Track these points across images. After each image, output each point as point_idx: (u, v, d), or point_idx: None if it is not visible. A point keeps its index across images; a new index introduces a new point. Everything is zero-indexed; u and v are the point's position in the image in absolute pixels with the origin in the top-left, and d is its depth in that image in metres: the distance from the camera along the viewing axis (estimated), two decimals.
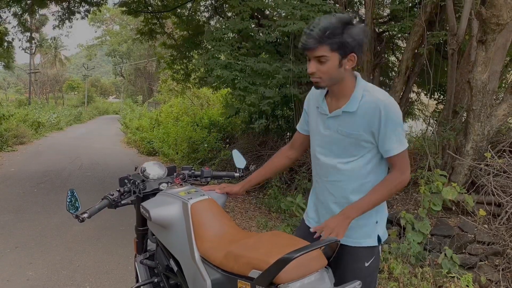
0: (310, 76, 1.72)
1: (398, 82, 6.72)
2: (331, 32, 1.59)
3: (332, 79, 1.69)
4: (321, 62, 1.64)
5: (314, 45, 1.62)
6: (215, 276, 1.53)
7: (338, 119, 1.74)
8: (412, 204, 4.95)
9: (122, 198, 2.08)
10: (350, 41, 1.61)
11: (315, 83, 1.74)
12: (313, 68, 1.68)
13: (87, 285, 3.47)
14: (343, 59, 1.65)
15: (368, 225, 1.77)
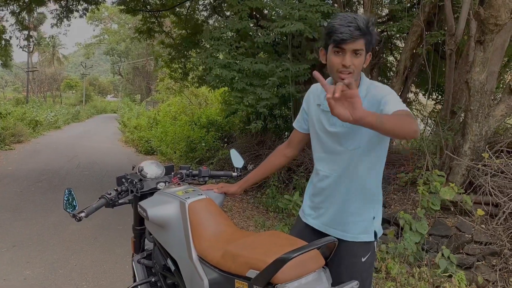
0: (340, 72, 1.66)
1: (396, 82, 6.72)
2: (371, 27, 1.62)
3: (357, 75, 1.71)
4: (357, 55, 1.64)
5: (359, 36, 1.60)
6: (213, 275, 1.53)
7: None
8: (410, 204, 4.95)
9: (120, 197, 2.07)
10: (374, 40, 1.66)
11: (343, 79, 1.63)
12: (349, 61, 1.64)
13: (85, 284, 3.47)
14: (367, 54, 1.68)
15: (365, 221, 1.80)
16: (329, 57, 1.70)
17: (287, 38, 6.95)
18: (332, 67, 1.69)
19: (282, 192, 6.76)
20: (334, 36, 1.62)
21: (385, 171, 1.98)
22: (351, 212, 1.80)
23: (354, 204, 1.80)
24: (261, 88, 6.46)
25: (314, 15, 6.00)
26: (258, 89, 6.40)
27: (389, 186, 5.49)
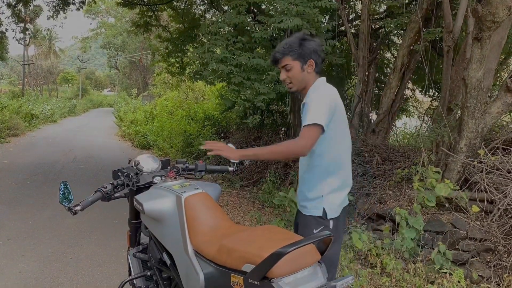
0: (283, 83, 2.21)
1: (393, 78, 6.73)
2: (290, 45, 2.12)
3: (300, 82, 2.17)
4: (288, 70, 2.14)
5: (279, 57, 2.14)
6: (208, 269, 1.53)
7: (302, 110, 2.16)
8: (406, 200, 4.97)
9: (116, 191, 2.07)
10: (306, 51, 2.11)
11: (288, 88, 2.22)
12: (283, 75, 2.17)
13: (80, 278, 3.46)
14: (304, 65, 2.13)
15: (316, 199, 2.11)
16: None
17: (285, 33, 6.94)
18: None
19: (278, 187, 6.77)
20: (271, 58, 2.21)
21: (381, 167, 2.03)
22: (306, 188, 2.16)
23: (308, 180, 2.17)
24: (259, 82, 6.45)
25: (312, 11, 5.99)
26: (256, 84, 6.39)
27: (384, 182, 5.50)
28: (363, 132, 7.01)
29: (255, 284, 1.30)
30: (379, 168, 5.84)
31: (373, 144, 6.46)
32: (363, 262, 4.09)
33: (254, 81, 6.50)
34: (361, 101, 7.04)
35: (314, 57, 2.13)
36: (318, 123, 1.96)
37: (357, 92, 7.10)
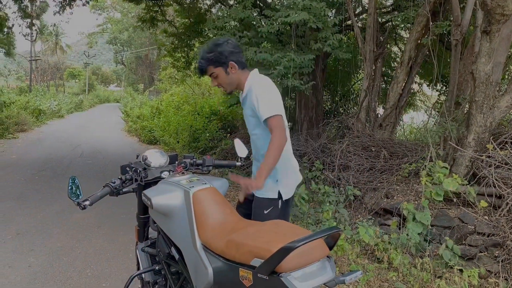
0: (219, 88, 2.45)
1: (400, 72, 6.68)
2: (207, 57, 2.30)
3: (230, 84, 2.39)
4: (215, 78, 2.36)
5: (204, 67, 2.34)
6: (217, 264, 1.53)
7: (243, 104, 2.45)
8: (413, 195, 4.95)
9: (124, 185, 2.08)
10: (224, 56, 2.29)
11: (224, 91, 2.46)
12: (214, 83, 2.39)
13: (88, 272, 3.49)
14: (227, 68, 2.32)
15: (271, 183, 2.28)
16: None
17: (291, 28, 6.91)
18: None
19: None
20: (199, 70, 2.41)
21: (388, 161, 2.03)
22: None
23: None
24: None
25: (318, 5, 5.95)
26: None
27: (392, 177, 5.48)
28: (370, 127, 6.98)
29: (264, 278, 1.30)
30: (386, 163, 5.82)
31: (380, 139, 6.43)
32: (370, 256, 4.09)
33: None
34: (368, 96, 7.00)
35: (233, 58, 2.31)
36: (279, 113, 2.22)
37: (364, 87, 7.07)
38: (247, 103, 2.36)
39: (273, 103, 2.24)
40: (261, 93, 2.26)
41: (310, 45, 6.66)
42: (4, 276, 3.32)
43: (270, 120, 2.19)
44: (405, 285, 3.51)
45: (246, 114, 2.42)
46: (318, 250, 1.36)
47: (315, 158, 6.51)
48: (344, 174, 5.87)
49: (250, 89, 2.33)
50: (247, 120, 2.44)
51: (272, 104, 2.23)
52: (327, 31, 6.42)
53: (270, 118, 2.18)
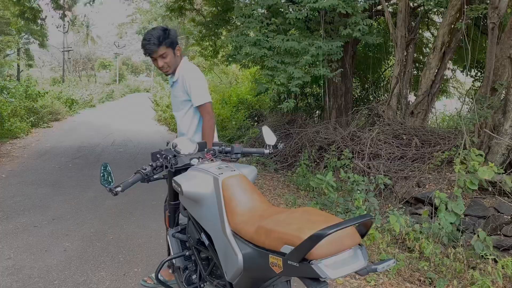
0: (161, 70, 2.68)
1: (432, 58, 6.49)
2: (162, 37, 2.54)
3: (174, 66, 2.68)
4: (164, 58, 2.60)
5: (154, 48, 2.54)
6: (247, 250, 1.53)
7: (173, 87, 2.79)
8: (446, 184, 4.83)
9: (155, 172, 2.10)
10: (173, 39, 2.59)
11: (165, 73, 2.71)
12: (161, 63, 2.61)
13: (121, 257, 3.58)
14: (174, 50, 2.63)
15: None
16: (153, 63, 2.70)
17: (320, 14, 6.80)
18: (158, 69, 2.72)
19: (313, 171, 6.73)
20: (145, 52, 2.59)
21: (420, 150, 1.96)
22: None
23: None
24: (293, 66, 6.36)
25: None
26: (290, 68, 6.31)
27: (423, 166, 5.36)
28: (401, 114, 6.83)
29: (294, 265, 1.29)
30: (417, 151, 5.69)
31: (411, 127, 6.29)
32: (400, 246, 4.03)
33: (288, 65, 6.42)
34: (399, 82, 6.84)
35: (178, 43, 2.64)
36: (210, 100, 2.72)
37: (395, 73, 6.90)
38: (178, 86, 2.72)
39: (205, 91, 2.71)
40: (195, 81, 2.67)
41: (339, 31, 6.54)
42: (41, 259, 3.44)
43: (204, 106, 2.68)
44: (437, 275, 3.44)
45: (175, 96, 2.77)
46: (349, 238, 1.33)
47: (344, 147, 6.43)
48: (374, 162, 5.78)
49: (183, 75, 2.67)
50: (174, 101, 2.83)
51: (204, 92, 2.69)
52: (356, 17, 6.29)
53: (204, 105, 2.67)
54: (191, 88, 2.65)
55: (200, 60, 17.62)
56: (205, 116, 2.71)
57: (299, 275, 1.32)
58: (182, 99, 2.73)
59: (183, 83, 2.68)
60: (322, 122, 8.17)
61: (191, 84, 2.66)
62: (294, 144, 7.77)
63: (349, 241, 1.32)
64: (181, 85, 2.70)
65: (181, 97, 2.73)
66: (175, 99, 2.81)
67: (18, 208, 4.79)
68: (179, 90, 2.72)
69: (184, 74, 2.68)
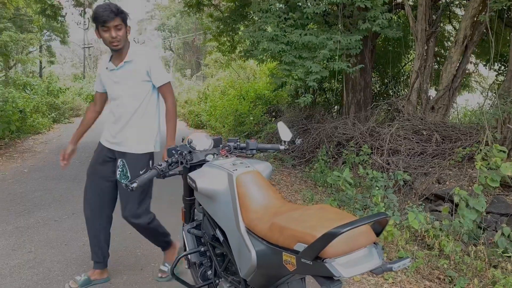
0: (111, 42, 2.51)
1: (454, 52, 6.35)
2: (120, 9, 2.50)
3: (124, 42, 2.57)
4: (118, 30, 2.50)
5: (112, 17, 2.44)
6: (260, 247, 1.52)
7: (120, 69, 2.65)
8: (467, 180, 4.73)
9: (170, 168, 2.11)
10: (126, 17, 2.55)
11: (114, 47, 2.54)
12: (114, 34, 2.49)
13: (138, 251, 3.62)
14: (126, 29, 2.57)
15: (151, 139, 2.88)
16: (101, 35, 2.52)
17: (338, 8, 6.71)
18: (105, 41, 2.54)
19: (331, 166, 6.67)
20: (100, 19, 2.44)
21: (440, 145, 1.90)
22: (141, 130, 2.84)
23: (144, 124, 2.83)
24: (311, 61, 6.31)
25: None
26: (308, 62, 6.25)
27: (444, 162, 5.26)
28: (421, 110, 6.71)
29: (308, 263, 1.28)
30: (438, 147, 5.59)
31: (432, 122, 6.17)
32: (420, 243, 3.96)
33: (306, 59, 6.37)
34: (420, 77, 6.71)
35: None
36: (170, 80, 2.74)
37: (415, 68, 6.78)
38: (131, 69, 2.62)
39: (165, 71, 2.74)
40: (156, 60, 2.69)
41: (358, 25, 6.45)
42: (61, 253, 3.50)
43: (166, 86, 2.71)
44: (457, 273, 3.37)
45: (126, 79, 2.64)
46: (364, 236, 1.31)
47: (362, 142, 6.36)
48: (393, 158, 5.70)
49: (141, 55, 2.63)
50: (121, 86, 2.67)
51: (165, 72, 2.73)
52: (376, 10, 6.18)
53: (166, 84, 2.70)
54: (153, 68, 2.63)
55: (218, 56, 17.67)
56: (169, 96, 2.74)
57: (313, 273, 1.30)
58: (139, 80, 2.65)
59: (141, 64, 2.62)
60: (341, 118, 8.09)
61: (153, 64, 2.64)
62: (312, 139, 7.72)
63: (363, 240, 1.30)
64: (137, 67, 2.62)
65: (137, 79, 2.64)
66: (123, 83, 2.67)
67: (39, 202, 4.89)
68: (133, 72, 2.63)
69: (143, 54, 2.65)
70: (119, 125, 2.74)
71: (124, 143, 2.74)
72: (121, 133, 2.74)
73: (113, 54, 2.65)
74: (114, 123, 2.77)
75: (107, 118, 2.84)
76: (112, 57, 2.69)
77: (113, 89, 2.71)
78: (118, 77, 2.66)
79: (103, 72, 2.75)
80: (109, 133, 2.82)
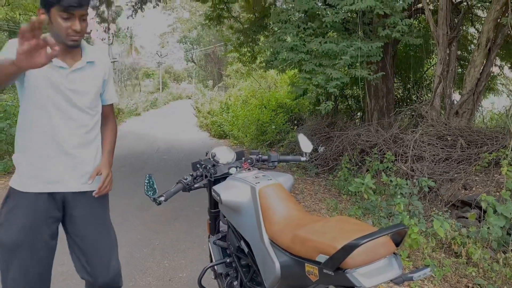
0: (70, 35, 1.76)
1: (477, 55, 6.26)
2: None
3: (82, 37, 1.85)
4: (83, 21, 1.78)
5: (84, 4, 1.75)
6: (284, 259, 1.57)
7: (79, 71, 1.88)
8: (494, 186, 4.65)
9: (195, 182, 2.18)
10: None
11: (74, 42, 1.79)
12: (77, 25, 1.76)
13: (166, 262, 3.71)
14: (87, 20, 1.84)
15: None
16: (56, 21, 1.73)
17: (357, 15, 6.73)
18: (61, 31, 1.75)
19: (354, 174, 6.65)
20: (63, 1, 1.68)
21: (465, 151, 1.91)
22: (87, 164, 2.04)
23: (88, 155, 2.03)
24: (331, 68, 6.33)
25: None
26: (328, 69, 6.28)
27: (470, 167, 5.18)
28: (445, 115, 6.63)
29: (330, 274, 1.32)
30: (463, 152, 5.51)
31: (456, 127, 6.09)
32: (446, 250, 3.92)
33: (326, 67, 6.40)
34: (442, 82, 6.64)
35: None
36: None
37: (438, 73, 6.71)
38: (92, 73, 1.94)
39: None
40: (112, 75, 2.09)
41: (378, 32, 6.45)
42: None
43: (112, 106, 2.18)
44: (486, 281, 3.32)
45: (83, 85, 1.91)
46: (384, 247, 1.34)
47: (386, 149, 6.32)
48: (417, 165, 5.64)
49: (103, 60, 2.01)
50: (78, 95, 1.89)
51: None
52: (395, 17, 6.18)
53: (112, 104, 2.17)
54: (110, 83, 2.06)
55: (239, 66, 17.86)
56: (113, 116, 2.21)
57: (335, 283, 1.34)
58: (94, 91, 1.95)
59: (103, 71, 2.00)
60: (364, 125, 8.05)
61: (110, 77, 2.06)
62: (335, 147, 7.71)
63: (383, 250, 1.34)
64: (98, 73, 1.97)
65: (93, 88, 1.95)
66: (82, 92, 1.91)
67: None
68: (93, 78, 1.95)
69: (105, 60, 2.03)
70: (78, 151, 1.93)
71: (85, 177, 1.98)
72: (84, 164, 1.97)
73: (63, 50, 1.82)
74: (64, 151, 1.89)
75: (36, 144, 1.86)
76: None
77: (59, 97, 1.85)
78: (74, 83, 1.87)
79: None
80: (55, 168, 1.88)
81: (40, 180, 1.85)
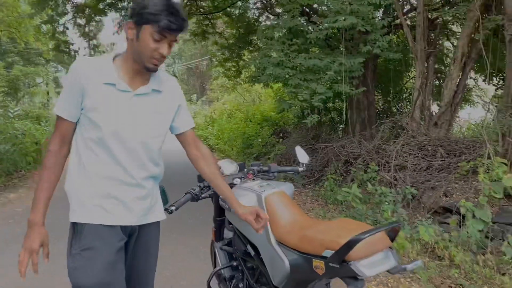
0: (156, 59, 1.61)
1: (454, 69, 6.62)
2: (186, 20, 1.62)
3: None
4: (170, 46, 1.63)
5: (182, 29, 1.59)
6: (292, 256, 1.77)
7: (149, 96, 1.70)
8: (472, 192, 4.93)
9: (202, 192, 2.36)
10: None
11: (156, 66, 1.64)
12: (168, 50, 1.62)
13: (167, 272, 3.84)
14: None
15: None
16: (145, 39, 1.55)
17: (340, 32, 7.04)
18: (146, 51, 1.58)
19: (340, 184, 6.88)
20: (164, 21, 1.51)
21: (445, 160, 2.14)
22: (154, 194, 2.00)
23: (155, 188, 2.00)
24: (316, 83, 6.60)
25: (366, 8, 6.06)
26: (313, 84, 6.54)
27: (450, 176, 5.47)
28: (425, 126, 6.95)
29: (335, 267, 1.53)
30: (443, 162, 5.81)
31: (436, 138, 6.41)
32: (430, 254, 4.15)
33: (311, 82, 6.66)
34: (421, 94, 6.97)
35: None
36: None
37: (417, 86, 7.04)
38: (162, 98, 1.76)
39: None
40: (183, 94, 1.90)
41: (360, 48, 6.76)
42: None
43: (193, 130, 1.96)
44: (468, 281, 3.55)
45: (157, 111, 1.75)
46: (381, 242, 1.56)
47: (369, 160, 6.58)
48: (400, 174, 5.91)
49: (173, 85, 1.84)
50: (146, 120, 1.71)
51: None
52: (376, 34, 6.50)
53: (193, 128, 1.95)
54: (184, 107, 1.88)
55: (223, 80, 18.10)
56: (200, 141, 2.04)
57: (340, 275, 1.55)
58: (166, 118, 1.81)
59: (173, 96, 1.82)
60: (347, 136, 8.33)
61: (183, 101, 1.88)
62: (320, 159, 7.95)
63: (381, 245, 1.56)
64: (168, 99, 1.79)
65: (165, 115, 1.80)
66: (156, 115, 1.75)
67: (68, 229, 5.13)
68: (164, 104, 1.77)
69: (175, 85, 1.85)
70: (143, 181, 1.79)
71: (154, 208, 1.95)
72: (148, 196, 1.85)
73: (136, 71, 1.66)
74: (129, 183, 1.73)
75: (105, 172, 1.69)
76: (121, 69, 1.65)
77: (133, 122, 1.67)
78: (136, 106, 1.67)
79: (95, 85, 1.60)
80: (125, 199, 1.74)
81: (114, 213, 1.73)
